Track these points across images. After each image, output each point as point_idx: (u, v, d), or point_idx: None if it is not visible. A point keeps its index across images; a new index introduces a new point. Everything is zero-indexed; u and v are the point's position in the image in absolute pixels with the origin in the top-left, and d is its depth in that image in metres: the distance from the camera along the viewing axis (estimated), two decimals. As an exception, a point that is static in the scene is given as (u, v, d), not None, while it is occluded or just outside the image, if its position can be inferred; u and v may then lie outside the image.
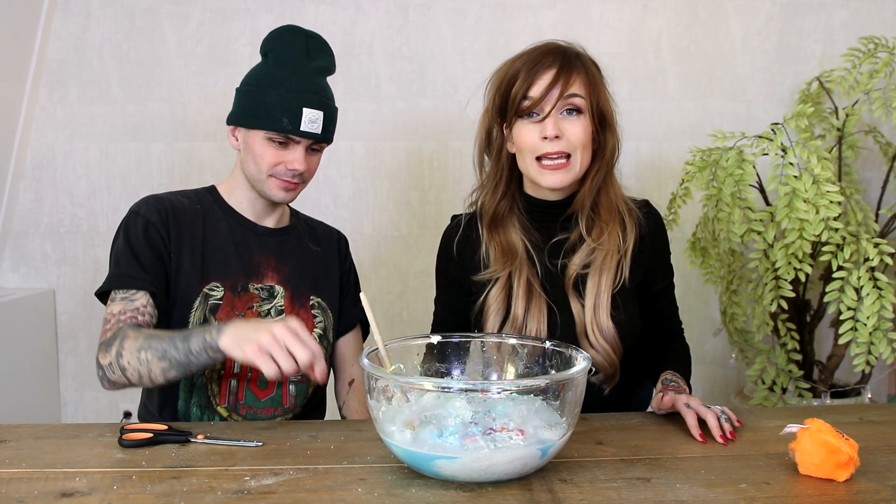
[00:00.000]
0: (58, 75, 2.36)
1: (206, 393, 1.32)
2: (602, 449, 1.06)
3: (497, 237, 1.33)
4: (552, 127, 1.22)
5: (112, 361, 1.20)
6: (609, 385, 1.31)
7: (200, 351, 1.15)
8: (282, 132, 1.30)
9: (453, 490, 0.92)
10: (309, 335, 1.10)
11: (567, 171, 1.25)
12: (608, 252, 1.29)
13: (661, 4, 2.29)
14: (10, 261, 2.43)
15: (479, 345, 1.16)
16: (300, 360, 1.07)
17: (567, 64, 1.24)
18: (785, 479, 0.95)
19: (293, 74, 1.32)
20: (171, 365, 1.17)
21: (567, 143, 1.24)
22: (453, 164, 2.33)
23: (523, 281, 1.29)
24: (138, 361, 1.18)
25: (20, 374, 2.29)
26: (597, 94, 1.26)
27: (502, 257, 1.31)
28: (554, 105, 1.23)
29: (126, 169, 2.38)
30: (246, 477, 0.96)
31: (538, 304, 1.29)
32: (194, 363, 1.16)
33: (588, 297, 1.28)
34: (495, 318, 1.30)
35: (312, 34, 1.37)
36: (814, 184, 1.65)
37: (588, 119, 1.25)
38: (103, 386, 1.25)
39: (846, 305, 1.69)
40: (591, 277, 1.29)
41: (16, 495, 0.91)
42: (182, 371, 1.18)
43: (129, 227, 1.33)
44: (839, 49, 2.14)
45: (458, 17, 2.32)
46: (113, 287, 1.29)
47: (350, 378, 1.48)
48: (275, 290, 1.38)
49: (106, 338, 1.24)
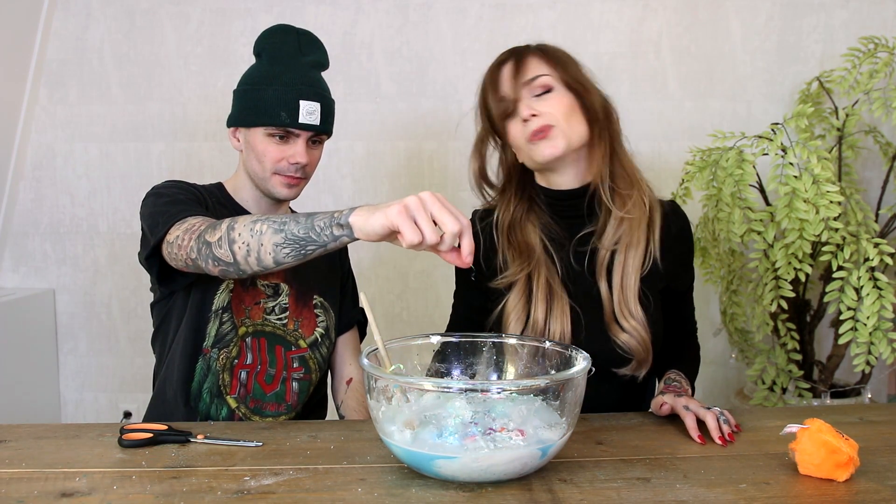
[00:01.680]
0: (58, 75, 2.36)
1: (218, 381, 1.33)
2: (602, 449, 1.06)
3: (514, 240, 1.32)
4: (526, 109, 1.25)
5: (222, 236, 1.09)
6: (643, 371, 1.29)
7: (325, 227, 1.02)
8: (281, 126, 1.32)
9: (453, 490, 0.92)
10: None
11: (552, 139, 1.25)
12: (635, 223, 1.28)
13: (661, 4, 2.29)
14: (10, 261, 2.43)
15: (478, 345, 1.16)
16: (448, 227, 0.94)
17: (518, 54, 1.27)
18: (785, 479, 0.95)
19: (287, 70, 1.34)
20: (287, 240, 1.04)
21: (547, 117, 1.25)
22: (453, 164, 2.33)
23: (542, 282, 1.27)
24: (251, 233, 1.07)
25: (20, 374, 2.29)
26: (563, 67, 1.27)
27: (519, 257, 1.30)
28: (519, 93, 1.25)
29: (126, 169, 2.39)
30: (246, 477, 0.96)
31: (560, 306, 1.27)
32: (313, 241, 1.03)
33: (615, 275, 1.27)
34: (516, 326, 1.27)
35: (303, 31, 1.39)
36: (814, 184, 1.65)
37: (563, 92, 1.26)
38: (207, 266, 1.12)
39: (846, 305, 1.69)
40: (619, 254, 1.28)
41: (16, 495, 0.91)
42: (295, 251, 1.05)
43: (162, 187, 1.30)
44: (839, 49, 2.14)
45: (458, 17, 2.32)
46: (172, 223, 1.19)
47: (348, 377, 1.49)
48: (280, 288, 1.40)
49: (201, 229, 1.14)
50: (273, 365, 1.37)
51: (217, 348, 1.33)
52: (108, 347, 2.45)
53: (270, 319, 1.38)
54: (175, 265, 1.20)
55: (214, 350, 1.33)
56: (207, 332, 1.33)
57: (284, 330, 1.39)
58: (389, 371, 1.05)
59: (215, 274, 1.14)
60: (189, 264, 1.16)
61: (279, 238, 1.05)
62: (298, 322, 1.41)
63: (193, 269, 1.16)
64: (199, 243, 1.12)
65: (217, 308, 1.33)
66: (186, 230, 1.15)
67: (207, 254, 1.11)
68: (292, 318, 1.40)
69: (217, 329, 1.33)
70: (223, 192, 1.42)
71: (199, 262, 1.13)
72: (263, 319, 1.38)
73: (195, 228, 1.14)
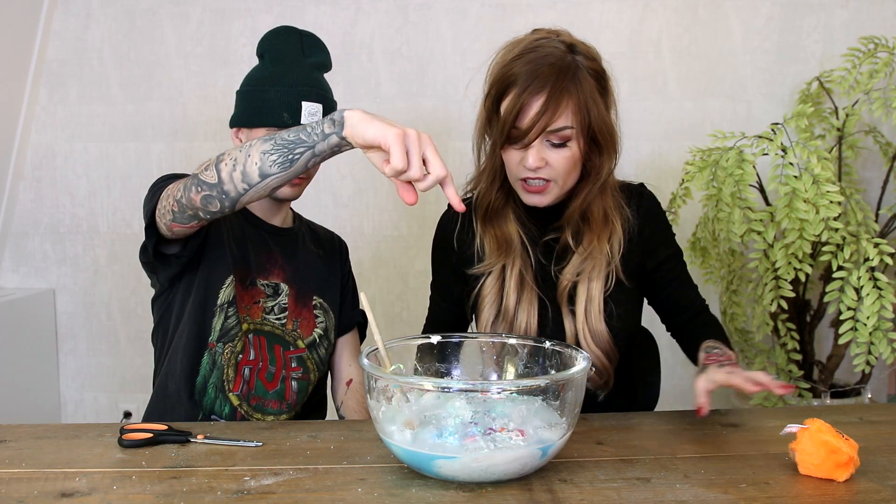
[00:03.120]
0: (58, 75, 2.36)
1: (222, 376, 1.33)
2: (602, 449, 1.06)
3: (492, 229, 1.33)
4: (534, 159, 1.20)
5: (210, 164, 1.10)
6: (604, 391, 1.32)
7: (316, 126, 1.01)
8: (283, 127, 1.31)
9: (453, 490, 0.91)
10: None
11: (546, 195, 1.24)
12: (597, 261, 1.28)
13: (661, 4, 2.29)
14: (10, 261, 2.43)
15: (478, 345, 1.16)
16: (435, 170, 0.96)
17: (558, 90, 1.17)
18: (785, 479, 0.95)
19: (290, 71, 1.34)
20: (276, 146, 1.03)
21: (549, 171, 1.22)
22: (453, 164, 2.30)
23: (516, 273, 1.29)
24: (239, 150, 1.07)
25: (20, 374, 2.29)
26: (589, 117, 1.21)
27: (497, 249, 1.31)
28: (538, 136, 1.19)
29: (126, 169, 2.39)
30: (246, 477, 0.96)
31: (529, 298, 1.29)
32: (302, 141, 1.02)
33: (579, 304, 1.28)
34: (490, 310, 1.30)
35: (306, 33, 1.39)
36: (814, 184, 1.65)
37: (576, 144, 1.21)
38: (189, 196, 1.11)
39: (846, 305, 1.69)
40: (581, 285, 1.28)
41: (16, 495, 0.91)
42: (283, 156, 1.03)
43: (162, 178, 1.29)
44: (839, 49, 2.14)
45: (458, 17, 2.32)
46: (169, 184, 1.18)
47: (348, 378, 1.49)
48: (280, 288, 1.40)
49: (194, 173, 1.14)
50: (273, 363, 1.37)
51: (223, 342, 1.32)
52: (108, 347, 2.45)
53: (269, 319, 1.38)
54: (163, 226, 1.19)
55: (220, 344, 1.32)
56: (213, 326, 1.32)
57: (283, 330, 1.39)
58: (389, 371, 1.05)
59: (197, 207, 1.11)
60: (175, 211, 1.14)
61: (268, 146, 1.04)
62: (297, 322, 1.41)
63: (179, 219, 1.15)
64: (188, 181, 1.12)
65: (223, 302, 1.33)
66: (178, 184, 1.15)
67: (192, 183, 1.10)
68: (291, 318, 1.40)
69: (223, 323, 1.32)
70: None
71: (182, 200, 1.11)
72: (262, 318, 1.37)
73: (187, 179, 1.14)
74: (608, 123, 1.24)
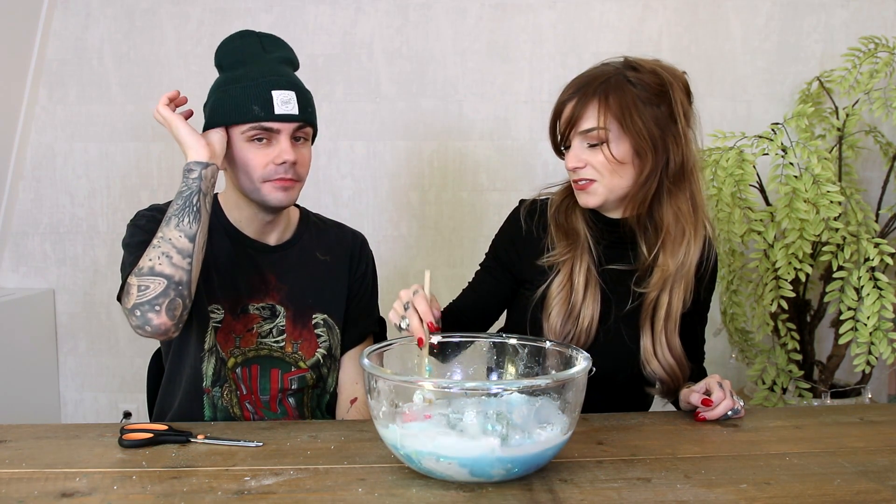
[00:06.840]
0: (58, 75, 2.36)
1: (229, 416, 1.31)
2: (602, 449, 1.06)
3: (561, 223, 1.34)
4: (572, 160, 1.26)
5: (144, 282, 1.14)
6: (671, 398, 1.35)
7: (183, 179, 1.18)
8: (255, 120, 1.23)
9: (453, 490, 0.91)
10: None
11: (591, 194, 1.27)
12: (676, 273, 1.29)
13: (661, 4, 2.29)
14: (10, 261, 2.43)
15: (479, 345, 1.16)
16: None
17: (583, 97, 1.23)
18: (785, 479, 0.95)
19: (253, 67, 1.27)
20: (179, 211, 1.17)
21: (591, 171, 1.25)
22: (453, 164, 2.33)
23: (583, 268, 1.30)
24: (153, 248, 1.16)
25: (20, 374, 2.29)
26: (620, 118, 1.22)
27: (566, 240, 1.32)
28: (569, 142, 1.27)
29: (126, 169, 2.39)
30: (246, 477, 0.96)
31: (593, 291, 1.30)
32: (190, 192, 1.18)
33: (658, 319, 1.29)
34: (560, 308, 1.29)
35: (265, 33, 1.32)
36: (814, 184, 1.65)
37: (617, 147, 1.22)
38: (159, 318, 1.14)
39: (846, 305, 1.69)
40: (663, 297, 1.29)
41: (16, 495, 0.91)
42: (191, 212, 1.17)
43: (138, 220, 1.30)
44: (839, 49, 2.14)
45: (458, 17, 2.32)
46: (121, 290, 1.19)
47: (353, 396, 1.41)
48: (276, 310, 1.34)
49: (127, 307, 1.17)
50: (265, 392, 1.33)
51: (218, 386, 1.30)
52: (107, 347, 2.45)
53: (267, 342, 1.33)
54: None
55: (216, 388, 1.30)
56: (204, 372, 1.29)
57: (282, 352, 1.34)
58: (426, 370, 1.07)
59: (168, 326, 1.15)
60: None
61: (174, 220, 1.16)
62: (297, 344, 1.35)
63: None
64: (140, 313, 1.13)
65: (210, 347, 1.29)
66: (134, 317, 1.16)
67: (146, 310, 1.13)
68: (290, 341, 1.35)
69: (214, 368, 1.30)
70: (218, 210, 1.34)
71: (151, 332, 1.15)
72: (258, 344, 1.32)
73: (136, 312, 1.15)
74: (652, 131, 1.24)
